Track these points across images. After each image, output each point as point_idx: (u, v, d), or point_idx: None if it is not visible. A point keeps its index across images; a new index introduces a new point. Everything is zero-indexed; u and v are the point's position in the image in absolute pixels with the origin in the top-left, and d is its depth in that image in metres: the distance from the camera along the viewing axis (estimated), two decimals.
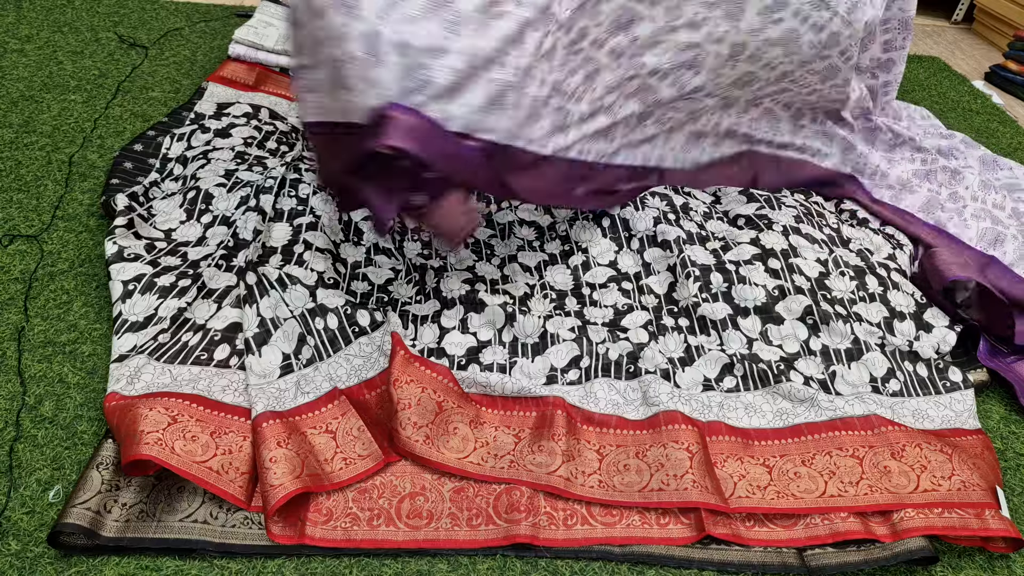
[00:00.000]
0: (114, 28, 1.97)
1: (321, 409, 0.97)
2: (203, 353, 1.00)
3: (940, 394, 1.11)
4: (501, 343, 1.11)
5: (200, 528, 0.83)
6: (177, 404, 0.91)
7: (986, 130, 2.08)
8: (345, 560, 0.84)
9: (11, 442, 0.92)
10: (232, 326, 1.04)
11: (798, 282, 1.22)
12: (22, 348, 1.04)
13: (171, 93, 1.72)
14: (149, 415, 0.88)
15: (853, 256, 1.29)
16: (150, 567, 0.81)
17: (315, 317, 1.06)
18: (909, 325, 1.19)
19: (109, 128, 1.56)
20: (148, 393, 0.93)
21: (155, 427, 0.86)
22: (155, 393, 0.93)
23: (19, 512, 0.84)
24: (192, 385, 0.95)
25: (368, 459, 0.92)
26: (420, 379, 0.98)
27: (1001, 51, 2.63)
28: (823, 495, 0.93)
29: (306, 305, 1.06)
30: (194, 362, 0.99)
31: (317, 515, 0.86)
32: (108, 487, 0.84)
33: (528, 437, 0.97)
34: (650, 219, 1.32)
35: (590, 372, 1.08)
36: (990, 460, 1.01)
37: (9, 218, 1.29)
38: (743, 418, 1.05)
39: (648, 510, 0.91)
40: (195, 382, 0.96)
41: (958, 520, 0.89)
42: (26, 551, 0.81)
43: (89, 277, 1.19)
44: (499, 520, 0.88)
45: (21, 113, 1.56)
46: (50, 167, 1.42)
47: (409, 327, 1.10)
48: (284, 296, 1.06)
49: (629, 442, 0.98)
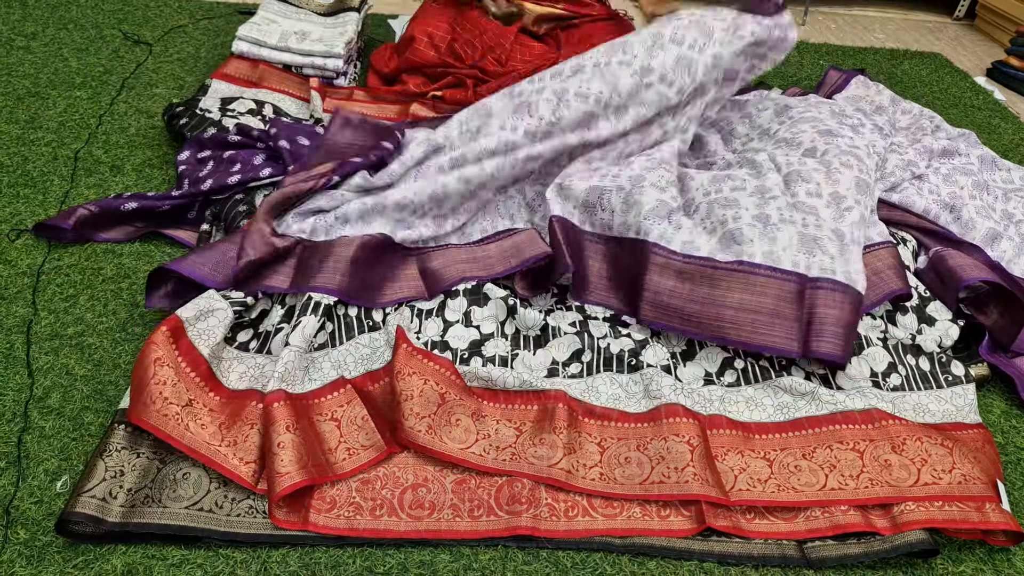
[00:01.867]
0: (119, 25, 1.98)
1: (328, 396, 0.98)
2: (228, 332, 1.04)
3: (942, 388, 1.11)
4: (503, 335, 1.11)
5: (206, 516, 0.84)
6: (196, 387, 0.93)
7: (988, 126, 2.07)
8: (348, 550, 0.85)
9: (19, 433, 0.93)
10: (261, 313, 1.09)
11: None
12: (30, 341, 1.05)
13: (175, 89, 1.73)
14: (177, 385, 0.90)
15: None
16: (156, 555, 0.82)
17: (338, 304, 1.08)
18: (912, 318, 1.19)
19: (114, 124, 1.57)
20: (193, 347, 0.96)
21: (177, 400, 0.89)
22: (192, 355, 0.95)
23: (27, 502, 0.86)
24: (217, 364, 0.98)
25: (371, 449, 0.93)
26: (423, 371, 0.99)
27: (1003, 47, 2.62)
28: (823, 488, 0.93)
29: None
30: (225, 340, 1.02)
31: (321, 503, 0.87)
32: (112, 472, 0.85)
33: (529, 430, 0.97)
34: None
35: (592, 367, 1.08)
36: (991, 454, 1.01)
37: (16, 213, 1.30)
38: (744, 412, 1.05)
39: (649, 502, 0.91)
40: (220, 361, 0.99)
41: (959, 513, 0.90)
42: (35, 540, 0.82)
43: (95, 271, 1.20)
44: (501, 511, 0.89)
45: (27, 109, 1.57)
46: (56, 163, 1.43)
47: (414, 321, 1.11)
48: None
49: (630, 435, 0.99)
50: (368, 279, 1.14)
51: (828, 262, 1.10)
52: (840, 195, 1.22)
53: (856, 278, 1.10)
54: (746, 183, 1.24)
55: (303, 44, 1.77)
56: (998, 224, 1.39)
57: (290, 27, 1.83)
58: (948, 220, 1.39)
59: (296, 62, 1.76)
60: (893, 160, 1.49)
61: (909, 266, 1.31)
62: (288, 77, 1.77)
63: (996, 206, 1.48)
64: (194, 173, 1.34)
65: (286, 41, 1.77)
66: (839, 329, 1.05)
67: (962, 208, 1.39)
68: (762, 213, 1.16)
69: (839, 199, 1.22)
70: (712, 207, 1.19)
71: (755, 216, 1.15)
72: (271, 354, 1.04)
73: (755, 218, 1.15)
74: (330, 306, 1.07)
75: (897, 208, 1.42)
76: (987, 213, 1.40)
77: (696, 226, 1.17)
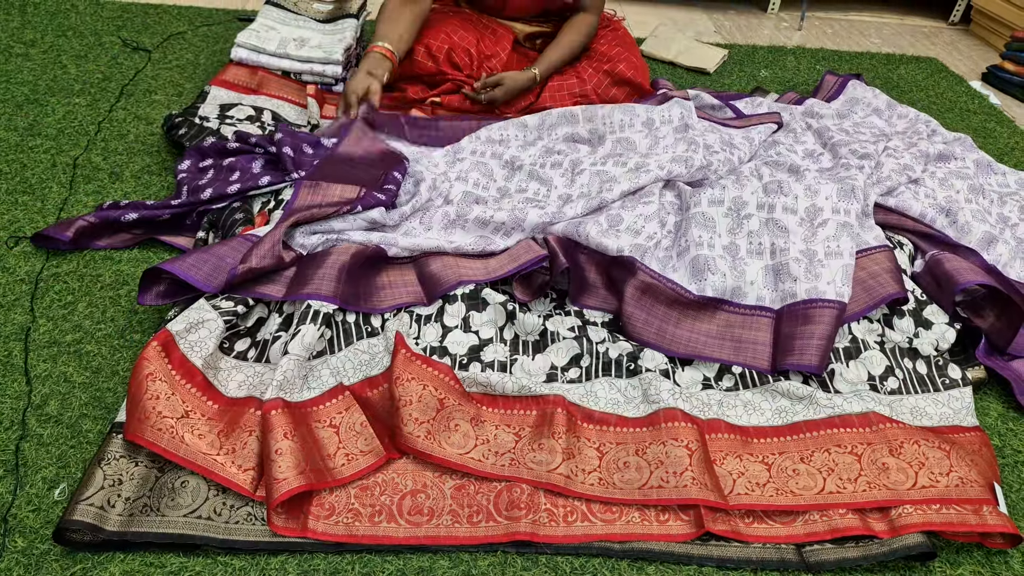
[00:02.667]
0: (117, 32, 1.99)
1: (326, 404, 0.98)
2: (226, 342, 1.04)
3: (939, 391, 1.11)
4: (502, 341, 1.12)
5: (204, 524, 0.84)
6: (193, 397, 0.93)
7: (983, 130, 2.08)
8: (347, 556, 0.85)
9: (17, 441, 0.93)
10: (256, 321, 1.08)
11: None
12: (28, 348, 1.06)
13: (174, 96, 1.74)
14: (171, 398, 0.90)
15: None
16: (154, 563, 0.82)
17: (337, 311, 1.08)
18: (908, 322, 1.20)
19: (113, 131, 1.57)
20: (185, 359, 0.96)
21: (172, 413, 0.88)
22: (185, 366, 0.95)
23: (25, 510, 0.85)
24: (214, 374, 0.98)
25: (370, 455, 0.93)
26: (421, 377, 0.99)
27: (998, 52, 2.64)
28: (822, 492, 0.94)
29: None
30: (218, 347, 1.02)
31: (320, 510, 0.87)
32: (111, 481, 0.85)
33: (528, 435, 0.97)
34: None
35: (591, 371, 1.09)
36: (988, 457, 1.01)
37: (15, 220, 1.30)
38: (742, 416, 1.05)
39: (648, 507, 0.92)
40: (217, 372, 0.99)
41: (956, 516, 0.90)
42: (32, 548, 0.82)
43: (94, 278, 1.20)
44: (500, 517, 0.89)
45: (26, 116, 1.58)
46: (55, 170, 1.43)
47: (413, 326, 1.11)
48: None
49: (629, 439, 0.99)
50: (364, 285, 1.15)
51: (792, 286, 1.16)
52: (817, 207, 1.26)
53: (825, 289, 1.14)
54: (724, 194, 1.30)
55: (302, 51, 1.78)
56: (994, 228, 1.40)
57: (289, 34, 1.84)
58: (944, 224, 1.40)
59: (295, 68, 1.77)
60: (889, 164, 1.49)
61: (905, 270, 1.31)
62: (287, 83, 1.78)
63: (992, 210, 1.49)
64: (194, 181, 1.35)
65: (285, 48, 1.78)
66: (817, 342, 1.08)
67: (958, 212, 1.40)
68: (732, 243, 1.23)
69: (815, 213, 1.25)
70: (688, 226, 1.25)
71: (725, 247, 1.23)
72: (269, 362, 1.04)
73: (725, 249, 1.22)
74: (329, 314, 1.07)
75: (893, 212, 1.42)
76: (983, 217, 1.41)
77: (672, 247, 1.24)
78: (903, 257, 1.33)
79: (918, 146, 1.59)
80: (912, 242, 1.37)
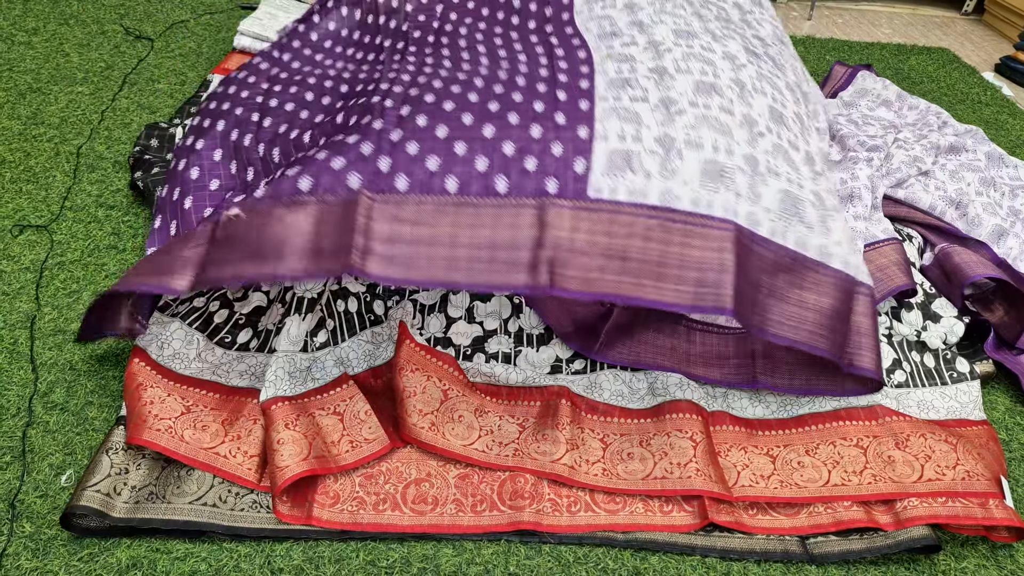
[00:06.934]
0: (120, 20, 1.98)
1: (330, 392, 0.98)
2: (228, 336, 1.04)
3: (946, 385, 1.11)
4: (507, 332, 1.11)
5: (209, 511, 0.85)
6: (193, 394, 0.93)
7: (995, 122, 2.05)
8: (352, 544, 0.85)
9: (24, 428, 0.93)
10: (256, 309, 1.08)
11: None
12: (34, 336, 1.06)
13: (177, 85, 1.73)
14: (167, 400, 0.90)
15: None
16: (160, 549, 0.82)
17: (337, 299, 1.07)
18: (917, 315, 1.19)
19: (116, 120, 1.57)
20: (171, 371, 0.95)
21: (169, 414, 0.89)
22: (177, 375, 0.95)
23: (32, 496, 0.86)
24: (213, 371, 0.98)
25: (374, 443, 0.93)
26: (425, 367, 0.99)
27: (1012, 42, 2.60)
28: (826, 484, 0.93)
29: (330, 286, 1.08)
30: (219, 343, 1.02)
31: (324, 498, 0.87)
32: (117, 470, 0.85)
33: (532, 426, 0.97)
34: None
35: (596, 363, 1.08)
36: (995, 450, 1.00)
37: (19, 208, 1.30)
38: (747, 408, 1.05)
39: (652, 498, 0.91)
40: (216, 367, 0.99)
41: (962, 509, 0.89)
42: (39, 533, 0.82)
43: (98, 267, 1.20)
44: (503, 506, 0.89)
45: (29, 105, 1.57)
46: (58, 158, 1.43)
47: (416, 316, 1.11)
48: None
49: (633, 430, 0.99)
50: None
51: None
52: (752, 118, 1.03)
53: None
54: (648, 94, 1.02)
55: None
56: (1004, 221, 1.38)
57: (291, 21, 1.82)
58: (954, 216, 1.38)
59: None
60: (899, 156, 1.48)
61: (915, 262, 1.30)
62: None
63: (1003, 203, 1.47)
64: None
65: None
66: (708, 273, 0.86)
67: (968, 205, 1.38)
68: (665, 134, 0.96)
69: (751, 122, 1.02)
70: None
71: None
72: (273, 352, 1.04)
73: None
74: (329, 302, 1.06)
75: (903, 204, 1.41)
76: (993, 210, 1.39)
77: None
78: (912, 250, 1.32)
79: (928, 138, 1.57)
80: (921, 235, 1.36)
